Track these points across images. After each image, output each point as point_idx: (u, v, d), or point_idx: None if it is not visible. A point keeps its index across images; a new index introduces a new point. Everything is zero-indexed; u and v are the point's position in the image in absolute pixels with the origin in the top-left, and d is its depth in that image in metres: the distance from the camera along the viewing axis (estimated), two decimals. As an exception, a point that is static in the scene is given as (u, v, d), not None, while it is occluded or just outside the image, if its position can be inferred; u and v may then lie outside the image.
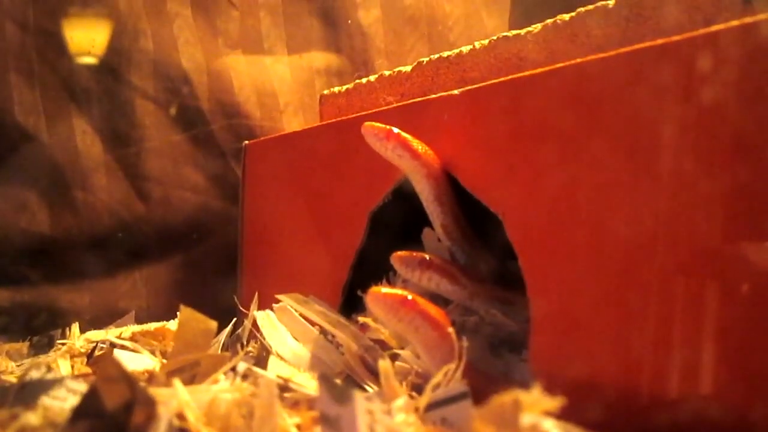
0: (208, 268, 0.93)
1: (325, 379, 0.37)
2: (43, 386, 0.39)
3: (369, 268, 0.70)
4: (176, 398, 0.38)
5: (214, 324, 0.52)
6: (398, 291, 0.49)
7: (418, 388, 0.53)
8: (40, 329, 0.84)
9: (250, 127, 0.95)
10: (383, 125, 0.60)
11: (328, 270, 0.74)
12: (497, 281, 0.61)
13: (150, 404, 0.34)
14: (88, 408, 0.35)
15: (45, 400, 0.38)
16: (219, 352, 0.60)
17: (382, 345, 0.58)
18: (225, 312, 0.74)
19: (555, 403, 0.36)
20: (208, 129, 0.93)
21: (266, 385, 0.41)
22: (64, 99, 0.89)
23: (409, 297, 0.49)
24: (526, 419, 0.34)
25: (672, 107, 0.44)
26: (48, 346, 0.76)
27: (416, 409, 0.44)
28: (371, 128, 0.60)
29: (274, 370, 0.50)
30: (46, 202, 0.87)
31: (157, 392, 0.37)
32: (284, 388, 0.46)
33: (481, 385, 0.51)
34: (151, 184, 0.91)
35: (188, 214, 0.92)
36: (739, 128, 0.41)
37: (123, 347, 0.60)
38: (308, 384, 0.48)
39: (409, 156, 0.59)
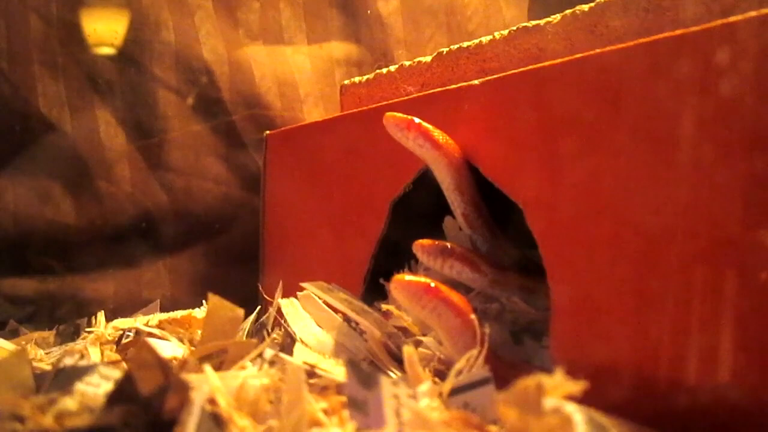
0: (230, 258, 0.94)
1: (352, 365, 0.38)
2: (78, 372, 0.40)
3: (391, 257, 0.71)
4: (207, 384, 0.39)
5: (241, 311, 0.53)
6: (421, 278, 0.50)
7: (440, 375, 0.54)
8: (64, 319, 0.85)
9: (271, 118, 0.95)
10: (404, 115, 0.60)
11: (349, 259, 0.75)
12: (518, 269, 0.62)
13: (183, 389, 0.35)
14: (122, 393, 0.36)
15: (79, 386, 0.39)
16: (244, 339, 0.61)
17: (405, 332, 0.59)
18: (247, 300, 0.75)
19: (577, 386, 0.37)
20: (229, 119, 0.94)
21: (294, 371, 0.41)
22: (87, 90, 0.90)
23: (432, 284, 0.50)
24: (549, 403, 0.35)
25: (690, 98, 0.44)
26: (74, 334, 0.77)
27: (440, 394, 0.45)
28: (392, 118, 0.61)
29: (300, 356, 0.51)
30: (70, 193, 0.88)
31: (189, 378, 0.38)
32: (310, 374, 0.47)
33: (503, 372, 0.52)
34: (173, 175, 0.92)
35: (210, 204, 0.93)
36: (757, 119, 0.41)
37: (151, 335, 0.61)
38: (334, 370, 0.49)
39: (430, 146, 0.60)
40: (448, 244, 0.59)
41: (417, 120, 0.60)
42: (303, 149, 0.86)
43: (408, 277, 0.50)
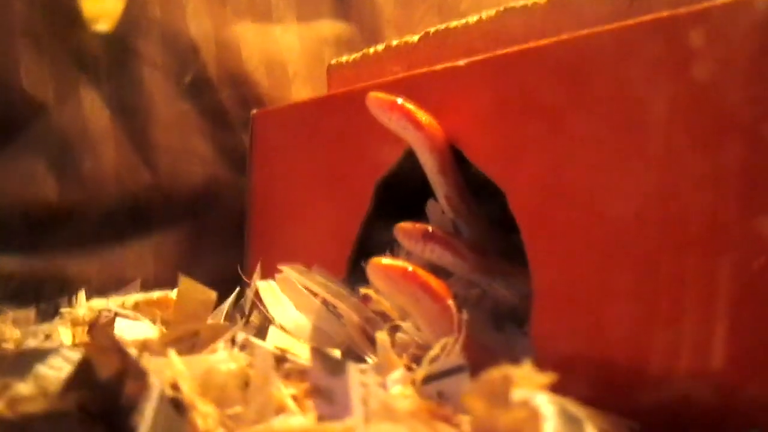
0: (215, 238, 0.93)
1: (317, 351, 0.37)
2: (39, 355, 0.39)
3: (375, 240, 0.70)
4: (170, 368, 0.38)
5: (213, 294, 0.52)
6: (399, 262, 0.49)
7: (419, 361, 0.53)
8: (49, 296, 0.84)
9: (259, 97, 0.94)
10: (387, 96, 0.59)
11: (334, 241, 0.74)
12: (501, 255, 0.61)
13: (141, 375, 0.34)
14: (80, 378, 0.35)
15: (41, 369, 0.38)
16: (222, 321, 0.60)
17: (384, 317, 0.58)
18: (232, 282, 0.74)
19: (547, 378, 0.36)
20: (216, 98, 0.93)
21: (262, 356, 0.41)
22: (72, 69, 0.88)
23: (410, 269, 0.49)
24: (519, 394, 0.34)
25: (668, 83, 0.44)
26: (55, 313, 0.76)
27: (413, 382, 0.44)
28: (375, 99, 0.59)
29: (274, 340, 0.50)
30: (53, 172, 0.87)
31: (151, 362, 0.37)
32: (282, 359, 0.46)
33: (483, 359, 0.51)
34: (158, 154, 0.91)
35: (196, 184, 0.92)
36: (729, 105, 0.40)
37: (124, 316, 0.60)
38: (306, 355, 0.48)
39: (412, 127, 0.59)
40: (430, 228, 0.58)
41: (400, 100, 0.59)
42: (290, 129, 0.85)
43: (385, 260, 0.49)
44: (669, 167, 0.43)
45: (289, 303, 0.60)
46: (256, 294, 0.61)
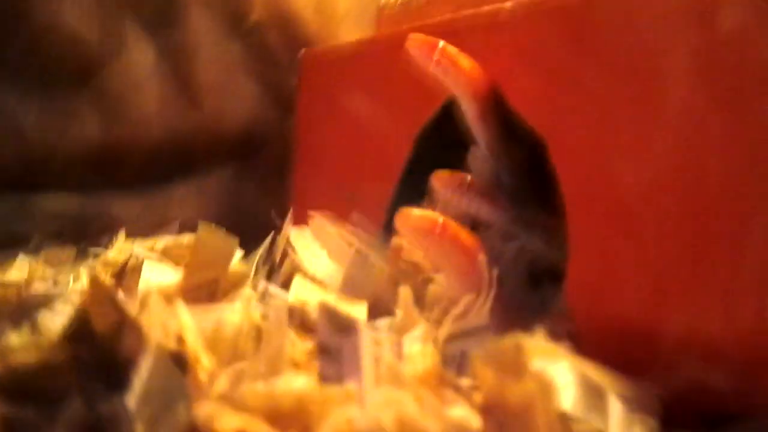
0: (260, 180, 0.92)
1: (326, 307, 0.35)
2: (43, 302, 0.37)
3: (416, 189, 0.68)
4: (176, 320, 0.36)
5: (234, 241, 0.50)
6: (428, 214, 0.47)
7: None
8: (92, 237, 0.83)
9: (307, 37, 0.92)
10: (428, 38, 0.57)
11: (375, 188, 0.72)
12: (545, 208, 0.58)
13: (138, 329, 0.33)
14: (76, 330, 0.33)
15: (41, 317, 0.37)
16: (254, 268, 0.58)
17: (418, 268, 0.56)
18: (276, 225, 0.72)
19: (560, 349, 0.33)
20: (263, 38, 0.91)
21: (277, 308, 0.39)
22: (117, 7, 0.87)
23: (440, 221, 0.47)
24: (531, 365, 0.32)
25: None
26: (94, 254, 0.75)
27: (435, 341, 0.42)
28: (415, 41, 0.57)
29: (297, 291, 0.48)
30: (97, 111, 0.86)
31: (156, 313, 0.36)
32: (300, 311, 0.44)
33: (513, 318, 0.49)
34: (204, 94, 0.89)
35: (241, 125, 0.90)
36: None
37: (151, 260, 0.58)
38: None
39: (454, 72, 0.56)
40: (468, 177, 0.56)
41: (442, 43, 0.57)
42: (337, 71, 0.82)
43: (414, 211, 0.47)
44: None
45: (322, 251, 0.58)
46: (289, 241, 0.60)
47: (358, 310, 0.47)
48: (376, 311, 0.50)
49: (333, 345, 0.34)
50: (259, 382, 0.32)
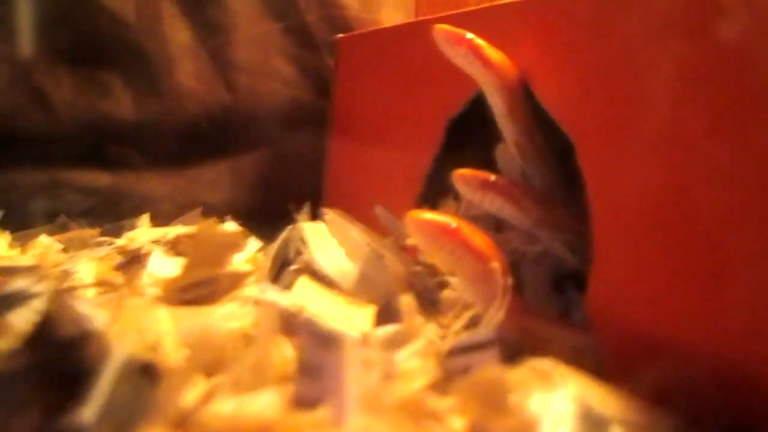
0: (295, 164, 0.90)
1: (308, 320, 0.33)
2: (18, 300, 0.36)
3: (446, 180, 0.65)
4: (156, 325, 0.34)
5: (239, 236, 0.48)
6: (440, 217, 0.45)
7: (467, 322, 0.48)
8: (122, 215, 0.82)
9: (347, 19, 0.90)
10: (455, 29, 0.54)
11: (404, 177, 0.69)
12: (573, 210, 0.55)
13: (101, 341, 0.31)
14: (40, 337, 0.31)
15: (18, 317, 0.35)
16: (270, 262, 0.56)
17: (433, 270, 0.54)
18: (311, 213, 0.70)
19: (565, 375, 0.31)
20: (303, 19, 0.89)
21: (267, 313, 0.37)
22: (154, -18, 0.85)
23: (453, 224, 0.45)
24: (513, 400, 0.29)
25: None
26: (117, 235, 0.74)
27: (436, 355, 0.39)
28: (442, 32, 0.54)
29: (300, 292, 0.46)
30: (130, 87, 0.85)
31: (131, 319, 0.34)
32: (298, 316, 0.42)
33: (532, 327, 0.47)
34: (239, 74, 0.87)
35: (277, 107, 0.89)
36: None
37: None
38: (335, 313, 0.44)
39: (481, 64, 0.54)
40: (492, 176, 0.53)
41: (469, 35, 0.54)
42: (373, 56, 0.80)
43: (425, 214, 0.45)
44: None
45: (338, 248, 0.56)
46: (303, 236, 0.57)
47: (365, 314, 0.45)
48: (388, 314, 0.47)
49: (313, 362, 0.32)
50: (230, 400, 0.30)
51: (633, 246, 0.45)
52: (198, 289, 0.44)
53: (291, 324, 0.40)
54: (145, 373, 0.31)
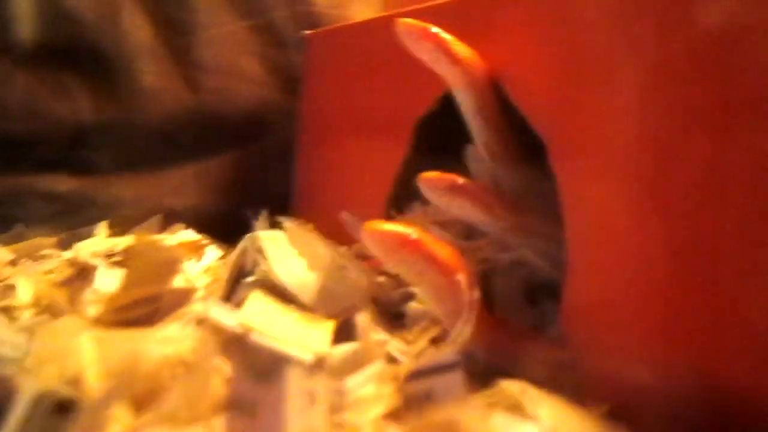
0: (264, 167, 0.86)
1: (243, 345, 0.29)
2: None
3: (416, 183, 0.62)
4: (79, 354, 0.31)
5: (180, 251, 0.44)
6: (399, 228, 0.41)
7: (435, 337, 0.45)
8: (91, 220, 0.79)
9: (316, 15, 0.86)
10: (420, 23, 0.51)
11: (374, 179, 0.66)
12: (549, 215, 0.52)
13: (11, 375, 0.28)
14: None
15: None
16: (228, 272, 0.53)
17: (399, 281, 0.50)
18: (279, 214, 0.67)
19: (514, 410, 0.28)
20: (269, 15, 0.85)
21: (208, 337, 0.33)
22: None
23: (413, 235, 0.41)
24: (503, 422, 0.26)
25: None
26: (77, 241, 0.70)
27: (395, 378, 0.36)
28: (405, 26, 0.51)
29: (251, 311, 0.42)
30: (88, 89, 0.81)
31: (49, 350, 0.30)
32: (244, 339, 0.38)
33: (506, 341, 0.44)
34: (202, 74, 0.84)
35: (244, 108, 0.85)
36: None
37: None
38: (288, 335, 0.40)
39: (447, 60, 0.50)
40: (460, 180, 0.50)
41: (434, 29, 0.51)
42: (343, 52, 0.77)
43: (383, 225, 0.41)
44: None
45: (298, 259, 0.52)
46: (260, 246, 0.54)
47: (322, 332, 0.42)
48: (348, 330, 0.44)
49: (248, 396, 0.28)
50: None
51: (610, 253, 0.42)
52: (138, 309, 0.41)
53: (237, 347, 0.36)
54: (60, 410, 0.28)
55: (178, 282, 0.43)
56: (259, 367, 0.29)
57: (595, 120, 0.43)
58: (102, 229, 0.71)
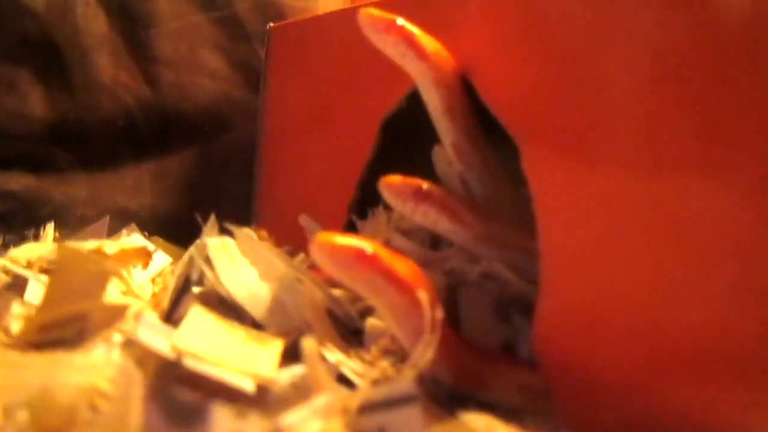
0: (225, 166, 0.82)
1: (158, 391, 0.25)
2: None
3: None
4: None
5: (109, 263, 0.40)
6: (353, 241, 0.37)
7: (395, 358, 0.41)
8: (43, 220, 0.74)
9: (280, 7, 0.82)
10: (384, 14, 0.47)
11: (336, 183, 0.62)
12: (521, 224, 0.48)
13: None
14: None
15: None
16: (173, 284, 0.48)
17: (355, 296, 0.46)
18: (242, 216, 0.63)
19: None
20: (232, 7, 0.81)
21: (124, 370, 0.29)
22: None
23: (369, 249, 0.37)
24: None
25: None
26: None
27: (345, 412, 0.32)
28: (368, 17, 0.47)
29: (190, 328, 0.38)
30: (39, 82, 0.76)
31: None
32: (177, 366, 0.34)
33: (472, 364, 0.40)
34: (161, 67, 0.79)
35: (205, 103, 0.81)
36: None
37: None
38: (230, 353, 0.36)
39: (413, 55, 0.47)
40: (425, 185, 0.46)
41: (400, 21, 0.47)
42: (308, 46, 0.73)
43: (335, 238, 0.37)
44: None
45: (248, 269, 0.48)
46: (208, 255, 0.49)
47: (269, 353, 0.38)
48: (299, 350, 0.40)
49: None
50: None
51: (588, 267, 0.38)
52: (62, 328, 0.36)
53: (166, 374, 0.32)
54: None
55: (109, 297, 0.39)
56: (183, 409, 0.25)
57: (571, 120, 0.40)
58: (48, 231, 0.67)
